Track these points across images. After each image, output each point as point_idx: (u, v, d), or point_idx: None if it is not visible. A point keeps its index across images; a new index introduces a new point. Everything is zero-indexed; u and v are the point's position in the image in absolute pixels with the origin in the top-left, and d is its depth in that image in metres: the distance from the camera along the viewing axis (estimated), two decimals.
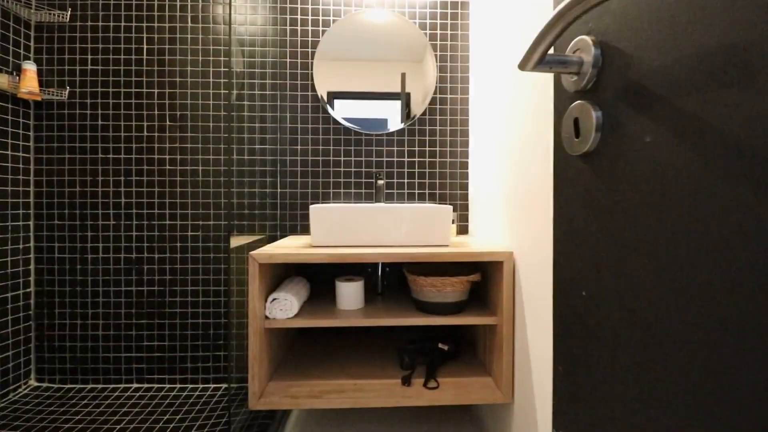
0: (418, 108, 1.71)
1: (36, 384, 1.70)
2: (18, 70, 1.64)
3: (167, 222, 1.72)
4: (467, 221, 1.74)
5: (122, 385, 1.71)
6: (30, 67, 1.63)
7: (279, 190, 1.72)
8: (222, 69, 1.73)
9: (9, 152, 1.61)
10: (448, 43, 1.74)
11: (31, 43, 1.71)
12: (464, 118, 1.74)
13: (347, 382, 1.24)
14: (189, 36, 1.72)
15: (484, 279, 1.38)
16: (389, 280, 1.69)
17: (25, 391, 1.64)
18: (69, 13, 1.71)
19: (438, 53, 1.74)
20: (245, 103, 1.71)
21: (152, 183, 1.72)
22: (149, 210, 1.72)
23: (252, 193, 1.70)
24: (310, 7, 1.73)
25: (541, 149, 0.95)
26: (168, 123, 1.72)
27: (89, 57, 1.71)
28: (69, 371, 1.71)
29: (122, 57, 1.71)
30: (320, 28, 1.73)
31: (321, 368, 1.33)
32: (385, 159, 1.73)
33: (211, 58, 1.72)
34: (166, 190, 1.72)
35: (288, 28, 1.73)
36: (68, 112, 1.71)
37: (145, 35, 1.72)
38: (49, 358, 1.71)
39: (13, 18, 1.64)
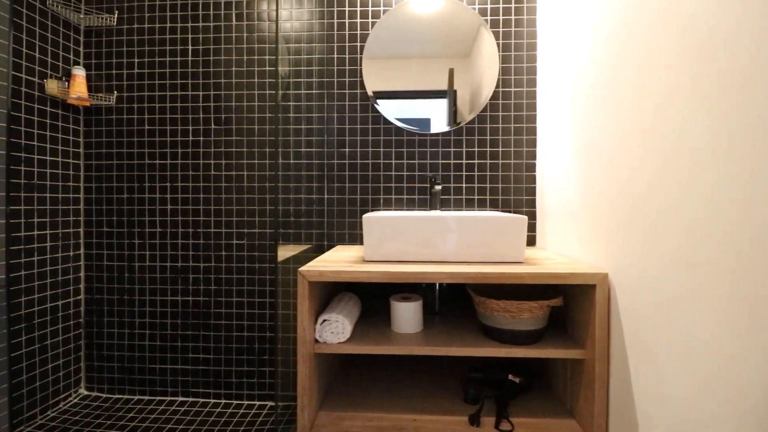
0: (476, 105, 1.53)
1: (86, 393, 1.69)
2: (68, 76, 1.63)
3: (212, 230, 1.65)
4: (534, 231, 1.54)
5: (168, 398, 1.66)
6: (79, 72, 1.61)
7: (326, 196, 1.60)
8: (267, 68, 1.63)
9: (59, 159, 1.60)
10: (512, 29, 1.55)
11: (81, 48, 1.70)
12: (530, 114, 1.54)
13: (406, 417, 1.10)
14: (234, 35, 1.64)
15: (564, 302, 1.19)
16: (446, 295, 1.52)
17: (75, 400, 1.63)
18: (116, 16, 1.67)
19: (501, 41, 1.55)
20: (291, 103, 1.61)
21: (197, 189, 1.65)
22: (194, 217, 1.65)
23: (297, 199, 1.60)
24: None
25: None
26: (213, 126, 1.65)
27: (136, 60, 1.67)
28: (117, 381, 1.69)
29: (168, 59, 1.66)
30: (369, 20, 1.59)
31: (374, 397, 1.20)
32: (440, 161, 1.57)
33: (256, 57, 1.63)
34: (211, 197, 1.65)
35: (335, 21, 1.60)
36: (116, 117, 1.68)
37: (190, 36, 1.65)
38: (98, 366, 1.70)
39: (63, 23, 1.62)
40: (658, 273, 0.77)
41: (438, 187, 1.40)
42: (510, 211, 1.54)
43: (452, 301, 1.51)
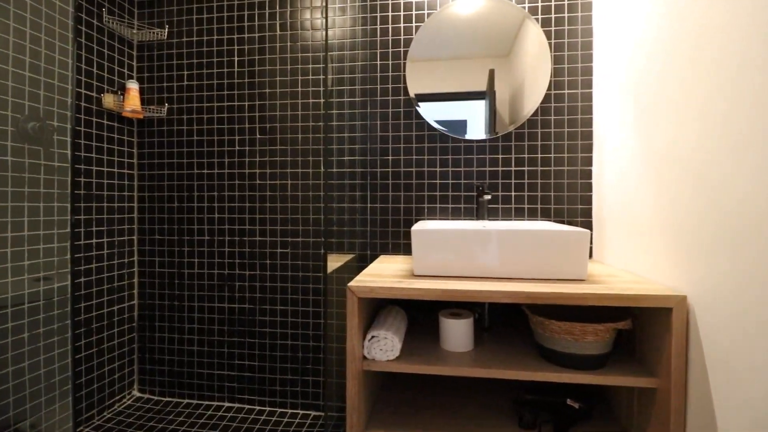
0: (527, 108, 1.46)
1: (138, 395, 1.75)
2: (123, 89, 1.70)
3: (257, 238, 1.67)
4: (590, 242, 1.45)
5: (215, 403, 1.69)
6: (133, 86, 1.67)
7: (369, 205, 1.57)
8: (311, 77, 1.63)
9: (115, 170, 1.67)
10: (565, 28, 1.47)
11: (134, 62, 1.76)
12: (586, 118, 1.45)
13: None
14: (278, 45, 1.65)
15: (632, 324, 1.10)
16: (496, 310, 1.46)
17: (129, 401, 1.70)
18: (167, 30, 1.73)
19: (553, 41, 1.47)
20: (334, 111, 1.60)
21: (243, 198, 1.68)
22: (240, 225, 1.68)
23: (341, 208, 1.59)
24: (402, 1, 1.56)
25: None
26: (258, 136, 1.66)
27: (185, 73, 1.72)
28: (167, 384, 1.74)
29: (215, 71, 1.69)
30: (413, 24, 1.55)
31: (423, 417, 1.15)
32: (487, 169, 1.50)
33: (300, 66, 1.63)
34: (256, 206, 1.67)
35: (378, 27, 1.57)
36: (167, 128, 1.74)
37: (236, 47, 1.68)
38: (150, 369, 1.76)
39: (118, 39, 1.69)
40: (753, 298, 0.68)
41: (487, 197, 1.34)
42: (564, 221, 1.46)
43: (502, 316, 1.44)
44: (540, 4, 1.48)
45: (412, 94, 1.52)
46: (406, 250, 1.55)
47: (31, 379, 1.31)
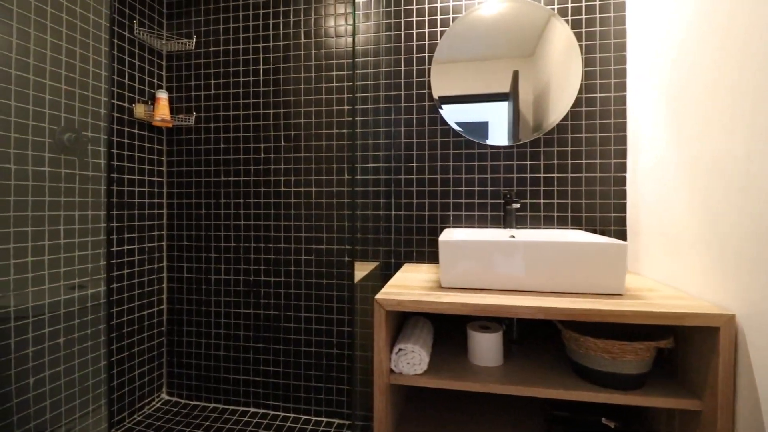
0: (555, 113, 1.41)
1: (167, 398, 1.79)
2: (152, 99, 1.74)
3: (282, 245, 1.68)
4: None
5: (240, 408, 1.71)
6: (162, 96, 1.71)
7: (393, 212, 1.56)
8: (334, 84, 1.62)
9: (146, 178, 1.71)
10: (596, 29, 1.41)
11: (163, 72, 1.80)
12: (619, 122, 1.39)
13: None
14: (302, 53, 1.65)
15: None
16: (526, 321, 1.42)
17: (158, 404, 1.74)
18: (194, 40, 1.76)
19: (584, 43, 1.42)
20: (358, 118, 1.59)
21: (268, 205, 1.69)
22: (266, 232, 1.69)
23: (365, 215, 1.58)
24: (426, 6, 1.54)
25: None
26: (283, 144, 1.67)
27: (212, 82, 1.75)
28: (195, 388, 1.77)
29: (241, 79, 1.71)
30: (438, 29, 1.53)
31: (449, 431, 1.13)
32: (515, 175, 1.47)
33: (324, 74, 1.63)
34: (281, 212, 1.68)
35: (402, 32, 1.56)
36: (194, 136, 1.77)
37: (261, 56, 1.69)
38: (178, 373, 1.79)
39: (148, 50, 1.73)
40: None
41: (515, 206, 1.30)
42: (596, 230, 1.40)
43: (532, 327, 1.40)
44: (570, 5, 1.43)
45: (435, 96, 1.50)
46: (431, 258, 1.53)
47: (66, 384, 1.36)
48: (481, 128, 1.48)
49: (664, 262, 1.13)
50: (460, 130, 1.48)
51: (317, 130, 1.64)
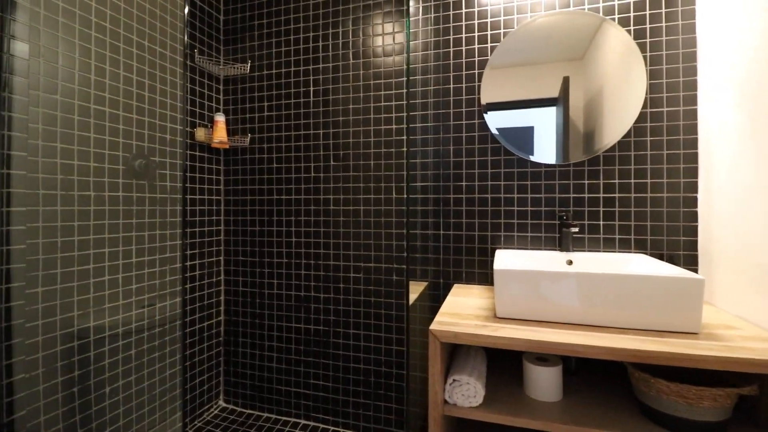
0: (615, 127, 1.34)
1: (224, 405, 1.89)
2: (211, 122, 1.84)
3: (332, 262, 1.71)
4: None
5: (292, 419, 1.77)
6: (220, 119, 1.80)
7: (442, 232, 1.54)
8: (383, 104, 1.64)
9: (205, 197, 1.81)
10: (663, 39, 1.32)
11: (221, 96, 1.90)
12: (690, 138, 1.29)
13: None
14: (351, 73, 1.68)
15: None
16: None
17: (216, 411, 1.83)
18: (249, 65, 1.84)
19: (648, 54, 1.33)
20: (404, 138, 1.60)
21: (318, 223, 1.73)
22: (315, 249, 1.74)
23: (413, 234, 1.58)
24: (476, 22, 1.51)
25: None
26: (332, 163, 1.71)
27: (265, 104, 1.82)
28: (249, 397, 1.85)
29: (292, 101, 1.77)
30: (488, 45, 1.50)
31: None
32: (571, 195, 1.40)
33: (372, 94, 1.65)
34: (330, 230, 1.71)
35: (451, 49, 1.54)
36: (249, 156, 1.85)
37: (311, 78, 1.74)
38: (234, 382, 1.88)
39: (207, 75, 1.83)
40: None
41: (574, 230, 1.24)
42: (662, 255, 1.31)
43: (592, 361, 1.33)
44: (632, 14, 1.35)
45: (483, 103, 1.47)
46: (481, 279, 1.50)
47: (137, 392, 1.47)
48: (526, 134, 1.43)
49: (745, 294, 1.03)
50: (497, 133, 1.45)
51: (365, 150, 1.66)
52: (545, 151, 1.41)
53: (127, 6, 1.43)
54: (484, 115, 1.47)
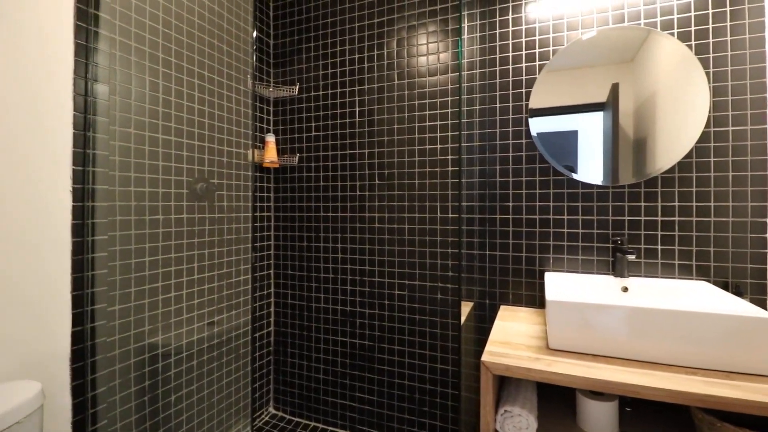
0: (676, 152, 1.28)
1: (274, 411, 1.98)
2: (262, 143, 1.93)
3: (377, 279, 1.75)
4: (766, 305, 1.21)
5: (338, 430, 1.82)
6: (270, 139, 1.89)
7: (488, 252, 1.54)
8: (427, 123, 1.65)
9: (258, 213, 1.90)
10: (728, 54, 1.25)
11: (271, 117, 1.99)
12: (759, 159, 1.21)
13: None
14: (396, 94, 1.71)
15: None
16: None
17: (266, 418, 1.92)
18: (297, 87, 1.92)
19: (711, 70, 1.27)
20: (448, 157, 1.61)
21: (364, 240, 1.78)
22: (361, 266, 1.78)
23: (456, 254, 1.58)
24: (523, 40, 1.49)
25: None
26: (377, 182, 1.74)
27: (313, 124, 1.89)
28: (298, 405, 1.93)
29: (338, 121, 1.83)
30: (536, 63, 1.48)
31: None
32: (626, 218, 1.35)
33: (417, 114, 1.67)
34: (375, 248, 1.75)
35: (498, 68, 1.53)
36: (297, 175, 1.93)
37: (357, 98, 1.79)
38: (284, 390, 1.97)
39: (258, 98, 1.93)
40: None
41: (631, 257, 1.20)
42: (726, 282, 1.24)
43: None
44: (693, 28, 1.29)
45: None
46: (529, 301, 1.48)
47: (198, 400, 1.57)
48: (569, 139, 1.39)
49: None
50: (536, 136, 1.43)
51: (410, 169, 1.69)
52: (590, 162, 1.37)
53: (189, 40, 1.53)
54: (529, 120, 1.46)
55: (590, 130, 1.38)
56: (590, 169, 1.38)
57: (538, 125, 1.44)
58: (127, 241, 1.28)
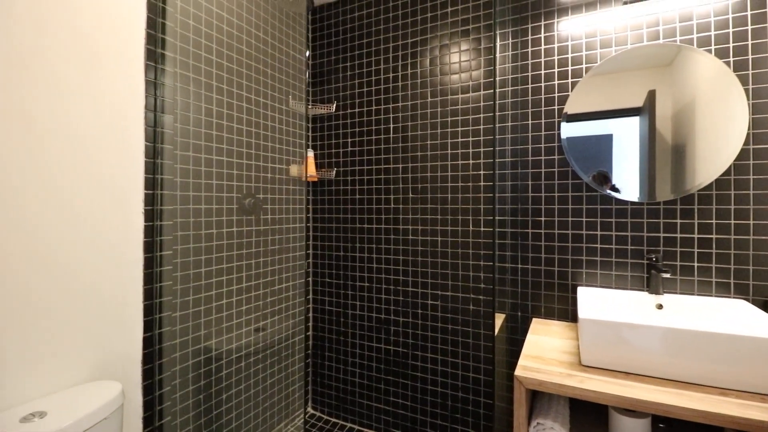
0: (712, 170, 1.27)
1: (312, 411, 2.09)
2: (301, 157, 2.05)
3: (410, 288, 1.82)
4: None
5: None
6: (310, 154, 2.00)
7: (520, 266, 1.58)
8: (459, 140, 1.71)
9: (297, 225, 2.02)
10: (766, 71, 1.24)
11: (309, 133, 2.11)
12: None
13: None
14: (429, 111, 1.78)
15: None
16: None
17: (304, 418, 2.04)
18: (334, 105, 2.02)
19: (750, 87, 1.26)
20: (480, 172, 1.65)
21: (398, 251, 1.85)
22: (395, 276, 1.86)
23: (488, 266, 1.63)
24: (555, 58, 1.52)
25: None
26: (411, 195, 1.82)
27: (349, 140, 1.98)
28: (334, 407, 2.04)
29: (374, 137, 1.91)
30: (569, 81, 1.50)
31: None
32: (661, 235, 1.36)
33: (449, 130, 1.73)
34: (409, 258, 1.83)
35: (530, 86, 1.57)
36: (335, 188, 2.03)
37: (391, 116, 1.87)
38: (321, 392, 2.08)
39: (299, 116, 2.04)
40: None
41: (665, 275, 1.21)
42: (766, 302, 1.23)
43: None
44: (731, 44, 1.28)
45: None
46: (561, 315, 1.51)
47: (254, 405, 1.70)
48: (602, 144, 1.41)
49: None
50: (565, 142, 1.45)
51: (443, 183, 1.75)
52: (625, 168, 1.39)
53: (238, 67, 1.66)
54: (562, 124, 1.49)
55: (625, 135, 1.39)
56: (625, 178, 1.39)
57: (569, 130, 1.47)
58: (187, 254, 1.42)
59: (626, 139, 1.39)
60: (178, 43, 1.39)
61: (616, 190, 1.41)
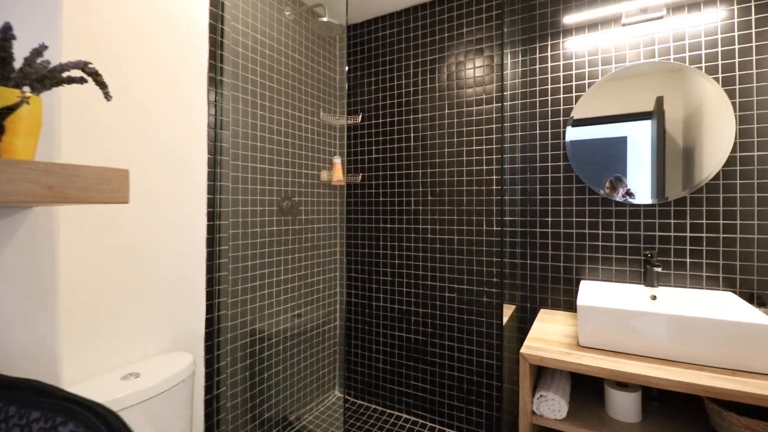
0: (706, 167, 1.42)
1: (339, 395, 2.30)
2: (330, 164, 2.27)
3: (429, 282, 2.01)
4: None
5: (395, 413, 2.11)
6: (337, 161, 2.22)
7: (529, 261, 1.75)
8: (474, 147, 1.89)
9: (326, 225, 2.24)
10: (753, 85, 1.38)
11: (337, 142, 2.33)
12: None
13: None
14: (446, 121, 1.97)
15: None
16: None
17: (332, 400, 2.25)
18: (360, 115, 2.23)
19: (737, 100, 1.40)
20: (493, 177, 1.83)
21: (418, 249, 2.05)
22: (415, 271, 2.06)
23: (500, 261, 1.80)
24: (561, 74, 1.69)
25: None
26: (430, 198, 2.01)
27: (373, 148, 2.19)
28: (360, 390, 2.24)
29: (396, 145, 2.12)
30: (573, 95, 1.67)
31: None
32: (657, 233, 1.52)
33: (465, 139, 1.91)
34: (428, 255, 2.02)
35: (538, 99, 1.74)
36: (360, 191, 2.24)
37: (411, 126, 2.07)
38: (348, 376, 2.29)
39: (328, 126, 2.26)
40: None
41: (657, 269, 1.37)
42: (752, 293, 1.37)
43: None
44: (720, 62, 1.43)
45: (574, 117, 1.65)
46: (566, 306, 1.67)
47: (292, 383, 1.92)
48: (616, 146, 1.56)
49: None
50: (568, 144, 1.60)
51: (458, 187, 1.94)
52: (638, 172, 1.53)
53: (277, 86, 1.89)
54: (569, 128, 1.65)
55: (639, 138, 1.55)
56: (638, 181, 1.54)
57: (575, 133, 1.64)
58: (237, 249, 1.65)
59: (640, 142, 1.54)
60: (231, 68, 1.62)
61: (631, 195, 1.56)
